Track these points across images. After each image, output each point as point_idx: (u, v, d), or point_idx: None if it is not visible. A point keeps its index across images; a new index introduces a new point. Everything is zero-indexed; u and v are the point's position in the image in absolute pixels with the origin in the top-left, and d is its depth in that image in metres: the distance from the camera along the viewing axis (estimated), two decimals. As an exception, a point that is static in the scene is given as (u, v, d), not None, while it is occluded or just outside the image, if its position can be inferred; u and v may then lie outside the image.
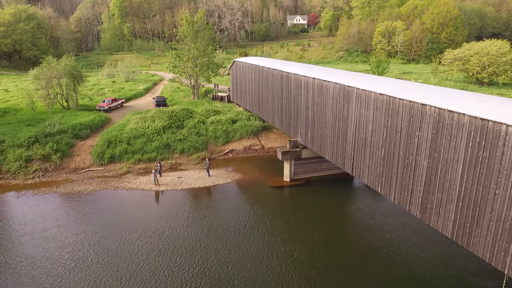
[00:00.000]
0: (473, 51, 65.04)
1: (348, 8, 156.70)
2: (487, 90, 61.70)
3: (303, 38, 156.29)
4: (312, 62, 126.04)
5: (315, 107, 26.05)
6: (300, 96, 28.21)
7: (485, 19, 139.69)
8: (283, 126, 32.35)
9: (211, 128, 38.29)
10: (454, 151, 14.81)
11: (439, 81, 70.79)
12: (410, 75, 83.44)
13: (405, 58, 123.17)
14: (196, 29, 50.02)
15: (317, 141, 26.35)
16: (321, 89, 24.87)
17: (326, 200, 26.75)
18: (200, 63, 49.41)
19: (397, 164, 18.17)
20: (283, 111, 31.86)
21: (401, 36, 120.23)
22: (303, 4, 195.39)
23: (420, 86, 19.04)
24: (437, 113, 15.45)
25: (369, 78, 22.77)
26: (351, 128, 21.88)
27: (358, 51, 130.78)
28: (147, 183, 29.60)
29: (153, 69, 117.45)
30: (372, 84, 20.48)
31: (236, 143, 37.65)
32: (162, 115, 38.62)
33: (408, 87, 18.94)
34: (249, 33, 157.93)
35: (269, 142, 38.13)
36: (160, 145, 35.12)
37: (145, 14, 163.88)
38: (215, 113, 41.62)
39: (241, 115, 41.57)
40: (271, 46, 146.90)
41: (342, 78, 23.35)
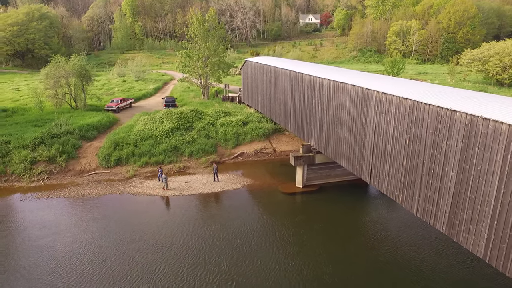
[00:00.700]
0: (493, 51, 62.69)
1: (362, 7, 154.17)
2: (508, 91, 59.36)
3: (316, 38, 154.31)
4: (325, 62, 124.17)
5: (330, 110, 24.62)
6: (314, 98, 26.81)
7: (503, 18, 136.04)
8: (295, 130, 30.97)
9: (221, 130, 37.08)
10: (488, 163, 13.28)
11: (456, 82, 68.51)
12: (426, 76, 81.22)
13: (420, 58, 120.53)
14: (207, 28, 48.90)
15: (332, 146, 24.92)
16: (337, 91, 23.43)
17: (340, 209, 25.30)
18: (210, 62, 48.26)
19: (421, 174, 16.67)
20: (296, 113, 30.48)
21: (416, 35, 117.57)
22: (316, 3, 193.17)
23: (446, 89, 17.48)
24: (468, 121, 13.93)
25: (389, 80, 21.28)
26: (369, 133, 20.41)
27: (371, 51, 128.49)
28: (153, 188, 28.50)
29: (164, 68, 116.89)
30: (392, 87, 19.00)
31: (247, 146, 36.38)
32: (170, 116, 37.54)
33: (433, 90, 17.40)
34: (261, 33, 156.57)
35: (281, 145, 36.77)
36: (168, 148, 34.03)
37: (156, 13, 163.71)
38: (225, 115, 40.41)
39: (252, 116, 40.29)
40: (283, 45, 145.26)
41: (359, 80, 21.89)
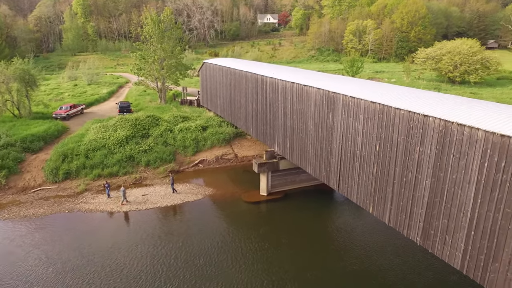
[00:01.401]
0: (445, 50, 64.68)
1: (319, 7, 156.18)
2: (460, 88, 61.45)
3: (274, 37, 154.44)
4: (284, 61, 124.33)
5: (294, 115, 23.48)
6: (276, 102, 25.59)
7: (450, 18, 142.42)
8: (258, 135, 29.66)
9: (180, 137, 35.08)
10: (464, 171, 12.53)
11: (411, 80, 70.24)
12: (383, 74, 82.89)
13: (376, 57, 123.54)
14: (162, 29, 46.54)
15: (297, 152, 23.80)
16: (301, 94, 22.32)
17: (306, 217, 24.25)
18: (167, 65, 45.95)
19: (393, 182, 15.82)
20: (258, 118, 29.16)
21: (372, 35, 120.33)
22: (274, 3, 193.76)
23: (417, 92, 16.78)
24: (442, 126, 13.15)
25: (355, 82, 20.41)
26: (336, 139, 19.42)
27: (329, 50, 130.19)
28: (107, 203, 26.13)
29: (118, 70, 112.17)
30: (360, 90, 18.10)
31: (207, 153, 34.65)
32: (125, 123, 35.05)
33: (403, 93, 16.62)
34: (219, 33, 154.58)
35: (243, 150, 35.36)
36: (123, 158, 31.62)
37: (110, 13, 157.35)
38: (184, 120, 38.43)
39: (211, 121, 38.59)
40: (241, 45, 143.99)
41: (324, 83, 20.88)
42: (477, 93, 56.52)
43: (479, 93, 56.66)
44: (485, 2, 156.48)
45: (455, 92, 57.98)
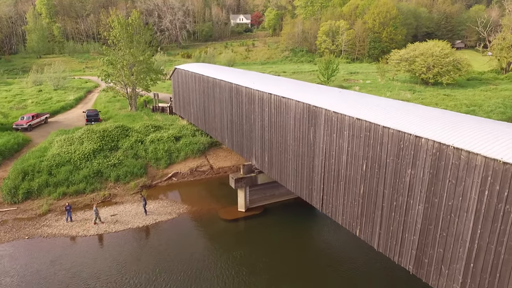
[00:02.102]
0: (418, 52, 65.12)
1: (291, 7, 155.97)
2: (433, 90, 61.95)
3: (247, 38, 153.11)
4: (258, 62, 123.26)
5: (272, 128, 22.15)
6: (253, 113, 24.20)
7: (419, 19, 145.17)
8: (234, 146, 28.20)
9: (151, 148, 33.12)
10: (462, 198, 11.52)
11: (386, 82, 70.46)
12: (357, 75, 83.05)
13: (349, 57, 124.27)
14: (131, 33, 44.24)
15: (276, 167, 22.49)
16: (279, 106, 21.00)
17: (287, 235, 22.99)
18: (136, 70, 43.72)
19: (382, 205, 14.73)
20: (233, 129, 27.70)
21: (345, 35, 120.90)
22: (246, 3, 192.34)
23: (405, 106, 15.72)
24: (437, 149, 12.10)
25: (337, 94, 19.25)
26: (319, 156, 18.21)
27: (303, 50, 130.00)
28: (72, 226, 24.01)
29: (87, 74, 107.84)
30: (344, 104, 16.96)
31: (181, 165, 32.87)
32: (92, 135, 32.76)
33: (390, 107, 15.50)
34: (192, 34, 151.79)
35: (219, 161, 33.79)
36: (90, 173, 29.42)
37: (77, 13, 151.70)
38: (156, 129, 36.47)
39: (185, 130, 36.81)
40: (214, 46, 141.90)
41: (305, 94, 19.64)
42: (450, 94, 57.01)
43: (453, 94, 57.18)
44: (451, 4, 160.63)
45: (429, 93, 58.37)
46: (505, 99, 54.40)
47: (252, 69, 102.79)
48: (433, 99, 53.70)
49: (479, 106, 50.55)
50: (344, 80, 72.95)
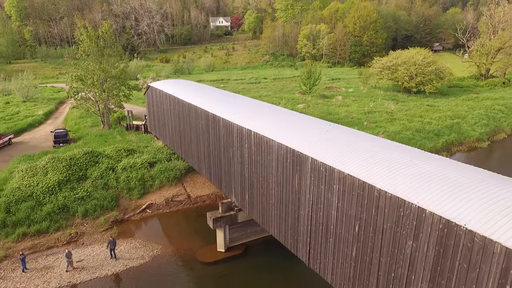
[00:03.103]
0: (400, 60, 64.29)
1: (272, 10, 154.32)
2: (416, 99, 61.23)
3: (227, 42, 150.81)
4: (238, 67, 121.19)
5: (253, 166, 20.17)
6: (232, 146, 22.17)
7: (399, 22, 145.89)
8: (212, 178, 26.08)
9: (123, 177, 30.65)
10: (475, 286, 9.81)
11: (368, 90, 69.48)
12: (339, 82, 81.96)
13: (330, 61, 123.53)
14: (101, 46, 41.46)
15: (258, 209, 20.51)
16: (260, 145, 19.03)
17: (272, 277, 21.08)
18: (108, 87, 41.00)
19: (377, 274, 12.93)
20: (211, 159, 25.59)
21: (326, 39, 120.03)
22: (226, 5, 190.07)
23: (408, 154, 13.76)
24: (444, 225, 10.35)
25: (324, 132, 17.29)
26: (305, 206, 16.33)
27: (284, 55, 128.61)
28: (31, 278, 21.44)
29: (61, 80, 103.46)
30: (333, 149, 15.08)
31: (156, 194, 30.55)
32: (57, 164, 30.03)
33: (390, 156, 13.64)
34: (170, 37, 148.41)
35: (197, 189, 31.61)
36: (55, 209, 26.79)
37: (50, 16, 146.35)
38: (128, 154, 33.96)
39: (160, 153, 34.47)
40: (193, 50, 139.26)
41: (289, 131, 17.69)
42: (433, 105, 56.29)
43: (436, 105, 56.47)
44: (429, 7, 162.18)
45: (413, 103, 57.51)
46: (488, 110, 53.97)
47: (232, 74, 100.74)
48: (417, 111, 52.79)
49: (463, 118, 49.85)
50: (326, 89, 71.64)
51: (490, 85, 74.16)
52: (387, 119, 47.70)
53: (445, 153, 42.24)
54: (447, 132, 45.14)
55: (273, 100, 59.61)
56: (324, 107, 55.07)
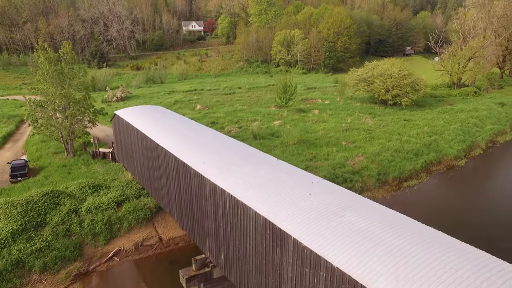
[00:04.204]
0: (376, 72, 63.74)
1: (245, 14, 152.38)
2: (393, 112, 60.81)
3: (200, 47, 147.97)
4: (211, 75, 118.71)
5: (228, 227, 18.25)
6: (205, 199, 20.16)
7: (372, 26, 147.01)
8: (184, 226, 23.99)
9: (88, 221, 28.04)
10: None
11: (345, 101, 68.69)
12: (315, 93, 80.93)
13: (305, 68, 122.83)
14: (61, 69, 38.33)
15: (234, 271, 18.60)
16: (236, 208, 17.12)
17: None
18: (70, 114, 38.05)
19: None
20: (183, 206, 23.48)
21: (300, 45, 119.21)
22: (198, 9, 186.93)
23: (415, 247, 12.07)
24: None
25: (307, 195, 15.48)
26: (287, 284, 14.56)
27: (258, 61, 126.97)
28: None
29: (24, 91, 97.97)
30: (320, 226, 13.30)
31: (124, 239, 28.13)
32: (11, 210, 27.11)
33: (390, 249, 12.00)
34: (141, 43, 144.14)
35: (169, 230, 29.37)
36: (7, 266, 23.97)
37: (12, 21, 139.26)
38: (94, 191, 31.33)
39: (129, 189, 32.04)
40: (166, 57, 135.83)
41: (269, 198, 15.82)
42: (410, 119, 55.86)
43: (413, 119, 56.08)
44: (400, 11, 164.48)
45: (390, 118, 56.93)
46: (463, 124, 53.97)
47: (206, 84, 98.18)
48: (395, 126, 52.16)
49: (440, 134, 49.54)
50: (302, 100, 70.41)
51: (463, 94, 74.88)
52: (366, 138, 46.72)
53: (424, 174, 41.64)
54: (426, 151, 44.57)
55: (248, 116, 57.88)
56: (301, 124, 53.69)
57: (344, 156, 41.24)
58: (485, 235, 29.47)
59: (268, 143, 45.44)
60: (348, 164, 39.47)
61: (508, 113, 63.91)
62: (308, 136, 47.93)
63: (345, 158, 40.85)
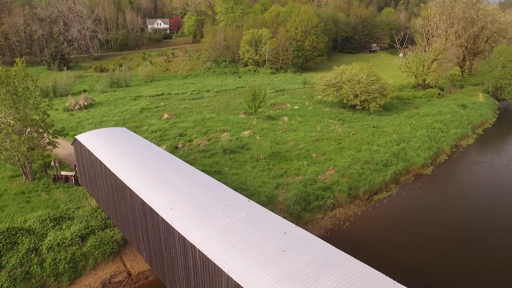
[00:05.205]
0: (345, 78, 64.11)
1: (212, 12, 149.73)
2: (362, 118, 61.46)
3: (166, 46, 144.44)
4: (179, 76, 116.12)
5: (199, 280, 17.44)
6: (174, 248, 19.21)
7: (338, 24, 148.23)
8: (154, 267, 22.97)
9: (49, 260, 26.33)
10: None
11: (314, 106, 68.76)
12: (284, 96, 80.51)
13: (273, 67, 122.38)
14: (14, 88, 35.64)
15: (208, 324, 17.88)
16: (207, 266, 16.32)
17: None
18: (27, 138, 35.72)
19: None
20: (151, 247, 22.43)
21: (268, 44, 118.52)
22: (164, 5, 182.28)
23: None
24: None
25: (284, 251, 14.90)
26: None
27: (226, 61, 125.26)
28: None
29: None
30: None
31: (90, 277, 26.70)
32: (-38, 255, 25.12)
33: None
34: (104, 43, 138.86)
35: (138, 264, 28.12)
36: (-40, 320, 22.25)
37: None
38: (56, 223, 29.54)
39: (94, 219, 30.47)
40: (131, 57, 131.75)
41: (243, 255, 15.12)
42: (379, 126, 56.54)
43: (381, 125, 56.77)
44: (365, 7, 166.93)
45: (359, 125, 57.39)
46: (429, 130, 55.21)
47: (173, 86, 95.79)
48: (364, 134, 52.56)
49: (408, 141, 50.44)
50: (272, 106, 69.87)
51: (428, 96, 76.74)
52: (336, 149, 46.80)
53: (394, 185, 42.23)
54: (395, 161, 45.20)
55: (217, 126, 56.77)
56: (271, 134, 53.15)
57: (315, 170, 41.10)
58: (447, 250, 30.20)
59: (238, 158, 44.68)
60: (319, 180, 39.35)
61: (470, 116, 66.05)
62: (278, 147, 47.50)
63: (316, 172, 40.71)
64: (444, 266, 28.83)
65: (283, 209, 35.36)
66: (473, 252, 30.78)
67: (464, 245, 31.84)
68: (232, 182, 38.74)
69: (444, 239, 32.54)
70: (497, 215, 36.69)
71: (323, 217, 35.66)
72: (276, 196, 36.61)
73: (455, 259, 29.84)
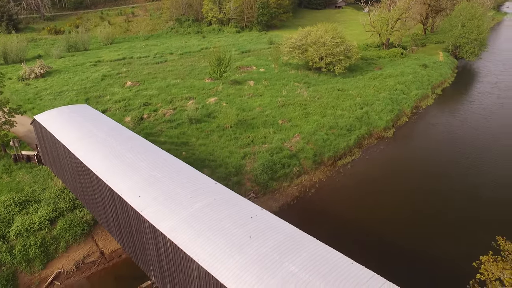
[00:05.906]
0: (310, 40, 63.82)
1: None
2: (327, 81, 62.11)
3: (126, 5, 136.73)
4: (140, 37, 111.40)
5: (171, 265, 18.20)
6: (144, 233, 19.73)
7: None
8: (126, 247, 23.54)
9: (19, 247, 26.29)
10: None
11: (280, 68, 68.54)
12: (249, 57, 79.32)
13: (238, 26, 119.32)
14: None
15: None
16: (177, 255, 16.99)
17: None
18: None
19: None
20: (122, 229, 22.84)
21: (232, 2, 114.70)
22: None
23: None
24: None
25: (251, 236, 15.75)
26: (234, 331, 15.14)
27: (189, 20, 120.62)
28: None
29: None
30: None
31: (64, 259, 27.00)
32: None
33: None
34: (57, 1, 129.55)
35: (110, 243, 28.58)
36: None
37: None
38: (22, 208, 29.19)
39: (61, 200, 30.30)
40: (88, 17, 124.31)
41: (212, 245, 15.86)
42: (343, 89, 57.45)
43: (345, 88, 57.72)
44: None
45: (324, 88, 58.04)
46: (391, 92, 56.84)
47: (135, 49, 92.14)
48: (329, 98, 53.38)
49: (371, 105, 51.90)
50: (237, 69, 68.97)
51: (391, 55, 77.94)
52: (301, 115, 47.59)
53: (357, 150, 43.93)
54: (358, 125, 46.69)
55: (182, 93, 55.83)
56: (237, 99, 53.03)
57: (281, 138, 41.96)
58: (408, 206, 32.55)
59: (205, 127, 44.70)
60: (285, 148, 40.32)
61: (430, 76, 68.16)
62: (244, 115, 47.73)
63: (282, 140, 41.59)
64: (404, 220, 31.31)
65: (251, 179, 36.32)
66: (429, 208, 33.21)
67: (418, 210, 34.17)
68: (200, 153, 39.10)
69: (403, 199, 34.86)
70: (451, 178, 39.29)
71: (290, 185, 37.01)
72: (244, 166, 37.42)
73: (415, 214, 32.24)
